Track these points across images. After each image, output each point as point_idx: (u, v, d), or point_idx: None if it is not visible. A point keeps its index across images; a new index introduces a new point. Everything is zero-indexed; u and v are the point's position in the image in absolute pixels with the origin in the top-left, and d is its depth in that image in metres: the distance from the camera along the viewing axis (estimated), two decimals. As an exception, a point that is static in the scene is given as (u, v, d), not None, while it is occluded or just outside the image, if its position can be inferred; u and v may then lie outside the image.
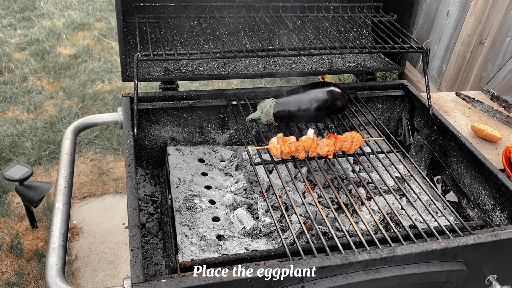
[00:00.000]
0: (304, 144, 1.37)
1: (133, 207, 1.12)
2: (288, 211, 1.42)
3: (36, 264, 2.64)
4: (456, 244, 1.12)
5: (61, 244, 1.08)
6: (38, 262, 2.64)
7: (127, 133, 1.36)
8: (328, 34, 1.83)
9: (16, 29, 5.26)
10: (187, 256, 1.25)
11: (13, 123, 3.72)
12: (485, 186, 1.44)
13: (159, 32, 1.65)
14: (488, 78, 3.30)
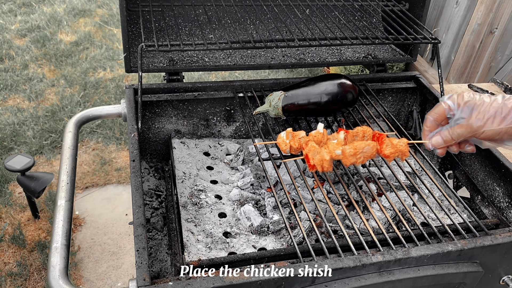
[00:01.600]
0: (314, 139, 1.32)
1: (138, 205, 1.08)
2: (297, 207, 1.39)
3: (39, 255, 2.61)
4: (472, 245, 1.09)
5: (64, 243, 1.04)
6: (41, 253, 2.62)
7: (131, 127, 1.31)
8: (337, 23, 1.77)
9: (17, 15, 5.19)
10: (193, 254, 1.21)
11: (14, 111, 3.67)
12: (499, 182, 1.40)
13: (163, 21, 1.60)
14: (497, 68, 3.23)
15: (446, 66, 3.49)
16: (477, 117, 1.03)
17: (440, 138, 1.10)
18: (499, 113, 1.01)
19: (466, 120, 1.05)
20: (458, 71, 3.32)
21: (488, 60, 3.19)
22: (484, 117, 1.03)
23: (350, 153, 1.17)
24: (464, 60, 3.26)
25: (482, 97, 1.06)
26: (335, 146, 1.17)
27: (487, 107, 1.03)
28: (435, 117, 1.12)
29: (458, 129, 1.07)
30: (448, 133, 1.09)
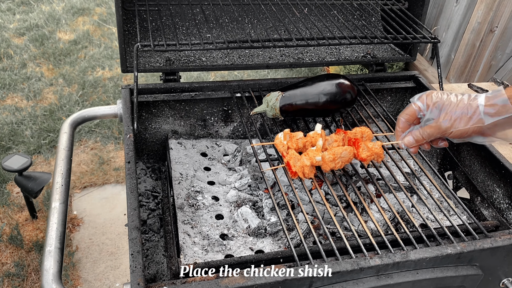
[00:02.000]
0: (312, 140, 1.31)
1: (133, 208, 1.06)
2: (294, 209, 1.37)
3: (36, 255, 2.60)
4: (472, 248, 1.07)
5: (57, 247, 1.02)
6: (38, 253, 2.61)
7: (127, 128, 1.30)
8: (336, 22, 1.76)
9: (15, 14, 5.17)
10: (189, 257, 1.20)
11: (12, 110, 3.66)
12: (499, 183, 1.39)
13: (160, 20, 1.58)
14: (498, 67, 3.22)
15: (446, 65, 3.47)
16: (444, 118, 1.07)
17: (411, 138, 1.14)
18: (465, 113, 1.04)
19: (435, 121, 1.09)
20: (458, 70, 3.31)
21: (488, 59, 3.17)
22: (451, 118, 1.06)
23: (329, 159, 1.20)
24: (464, 59, 3.24)
25: (450, 97, 1.08)
26: (315, 153, 1.19)
27: (454, 108, 1.06)
28: (407, 117, 1.15)
29: (428, 129, 1.10)
30: (419, 133, 1.12)
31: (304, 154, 1.23)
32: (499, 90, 1.02)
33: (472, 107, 1.04)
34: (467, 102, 1.05)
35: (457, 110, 1.05)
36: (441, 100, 1.08)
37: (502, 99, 1.00)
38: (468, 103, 1.05)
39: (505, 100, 0.99)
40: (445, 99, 1.08)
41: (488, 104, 1.02)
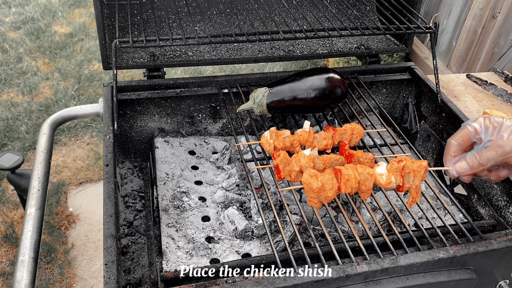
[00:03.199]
0: (300, 138, 1.26)
1: (109, 214, 1.02)
2: (283, 209, 1.32)
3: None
4: (465, 252, 1.02)
5: (31, 256, 0.98)
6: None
7: (107, 128, 1.25)
8: (327, 13, 1.69)
9: (11, 7, 5.11)
10: (172, 262, 1.15)
11: (7, 106, 3.62)
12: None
13: (142, 14, 1.52)
14: (500, 54, 3.13)
15: (447, 52, 3.39)
16: (509, 138, 0.92)
17: (465, 164, 0.98)
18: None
19: (496, 143, 0.94)
20: (459, 58, 3.22)
21: (490, 46, 3.08)
22: (510, 130, 0.93)
23: (319, 167, 1.14)
24: (466, 46, 3.15)
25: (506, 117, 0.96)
26: (306, 163, 1.11)
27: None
28: (459, 141, 1.00)
29: (487, 153, 0.95)
30: (475, 158, 0.96)
31: (295, 158, 1.16)
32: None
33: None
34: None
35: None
36: (503, 121, 0.95)
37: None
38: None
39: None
40: (508, 121, 0.94)
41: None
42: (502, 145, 0.93)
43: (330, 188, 0.99)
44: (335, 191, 1.00)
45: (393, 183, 1.02)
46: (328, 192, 0.99)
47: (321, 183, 1.00)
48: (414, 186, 1.02)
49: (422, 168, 1.02)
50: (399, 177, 1.02)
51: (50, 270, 2.50)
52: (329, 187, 0.99)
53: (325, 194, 1.00)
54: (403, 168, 1.02)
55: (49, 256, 2.55)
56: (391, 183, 1.02)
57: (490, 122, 0.96)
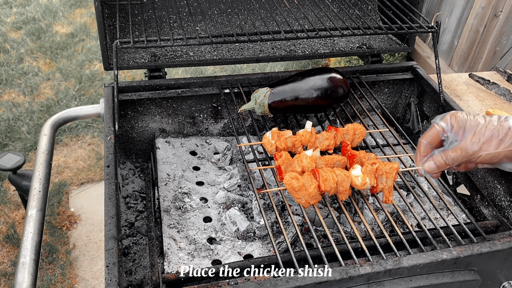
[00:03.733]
0: (302, 139, 1.25)
1: (110, 216, 1.01)
2: (285, 210, 1.32)
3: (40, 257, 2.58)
4: (469, 253, 1.01)
5: (32, 258, 0.98)
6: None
7: (108, 129, 1.24)
8: (329, 13, 1.68)
9: (12, 8, 5.11)
10: (174, 263, 1.15)
11: (9, 106, 3.62)
12: (500, 180, 1.32)
13: (143, 14, 1.51)
14: (502, 53, 3.12)
15: (449, 51, 3.38)
16: (472, 140, 0.98)
17: (433, 164, 1.05)
18: (495, 135, 0.96)
19: (461, 144, 1.00)
20: (461, 57, 3.21)
21: (492, 45, 3.07)
22: (479, 140, 0.98)
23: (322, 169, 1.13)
24: (468, 45, 3.14)
25: (477, 118, 1.00)
26: (309, 162, 1.12)
27: (483, 130, 0.98)
28: (429, 140, 1.07)
29: (452, 153, 1.01)
30: (441, 158, 1.04)
31: (297, 159, 1.16)
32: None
33: (503, 128, 0.96)
34: (497, 124, 0.97)
35: (486, 132, 0.97)
36: (467, 121, 1.00)
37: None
38: (499, 125, 0.97)
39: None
40: (472, 120, 0.99)
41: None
42: (465, 147, 0.99)
43: (310, 185, 1.05)
44: (315, 187, 1.06)
45: (367, 184, 1.09)
46: (309, 188, 1.05)
47: (302, 183, 1.06)
48: (387, 187, 1.09)
49: (393, 170, 1.10)
50: (373, 179, 1.09)
51: (51, 270, 2.50)
52: (309, 184, 1.06)
53: (307, 191, 1.06)
54: (376, 170, 1.09)
55: (51, 256, 2.55)
56: (366, 184, 1.08)
57: (456, 121, 1.02)
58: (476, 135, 0.98)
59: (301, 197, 1.08)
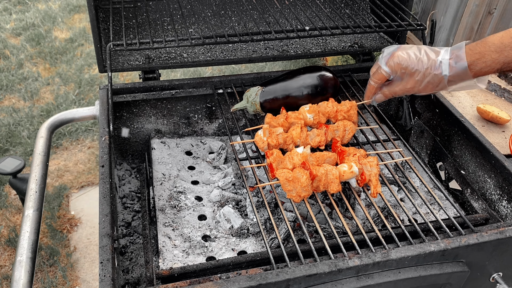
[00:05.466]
0: (293, 135, 1.27)
1: (104, 214, 1.03)
2: (278, 207, 1.34)
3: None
4: (456, 245, 1.03)
5: (29, 256, 1.00)
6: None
7: (102, 130, 1.27)
8: (320, 13, 1.70)
9: (11, 14, 5.15)
10: (168, 261, 1.17)
11: (9, 112, 3.65)
12: (490, 174, 1.34)
13: (137, 17, 1.54)
14: (498, 50, 3.13)
15: (445, 49, 3.40)
16: (414, 86, 1.18)
17: (382, 96, 1.28)
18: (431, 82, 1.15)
19: (404, 85, 1.20)
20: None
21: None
22: (420, 85, 1.18)
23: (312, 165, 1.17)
24: (463, 43, 3.16)
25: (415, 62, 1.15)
26: (300, 159, 1.15)
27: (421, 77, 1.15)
28: (378, 83, 1.27)
29: (395, 88, 1.23)
30: (388, 91, 1.26)
31: (288, 156, 1.19)
32: (460, 57, 1.10)
33: (438, 77, 1.14)
34: (433, 72, 1.14)
35: (425, 79, 1.15)
36: (408, 67, 1.16)
37: (463, 67, 1.09)
38: (434, 74, 1.14)
39: (465, 67, 1.09)
40: (410, 64, 1.15)
41: (452, 74, 1.12)
42: (406, 88, 1.21)
43: (302, 175, 1.09)
44: (307, 177, 1.09)
45: (354, 168, 1.15)
46: (301, 179, 1.09)
47: (294, 174, 1.11)
48: (374, 174, 1.16)
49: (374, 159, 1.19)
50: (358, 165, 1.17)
51: (52, 273, 2.52)
52: (301, 175, 1.09)
53: (299, 182, 1.09)
54: (359, 158, 1.19)
55: (52, 259, 2.57)
56: (353, 168, 1.15)
57: (399, 67, 1.18)
58: (417, 82, 1.17)
59: (292, 190, 1.10)
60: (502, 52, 1.05)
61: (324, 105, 1.34)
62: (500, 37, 1.07)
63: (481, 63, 1.08)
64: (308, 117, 1.32)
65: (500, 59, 1.06)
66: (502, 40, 1.06)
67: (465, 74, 1.11)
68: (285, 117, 1.30)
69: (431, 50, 1.16)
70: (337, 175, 1.13)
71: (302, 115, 1.31)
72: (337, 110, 1.33)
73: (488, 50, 1.07)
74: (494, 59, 1.06)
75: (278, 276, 0.94)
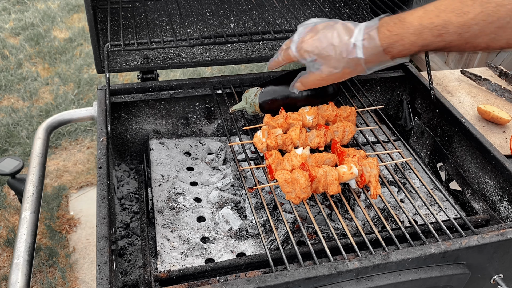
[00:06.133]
0: (292, 136, 1.26)
1: (102, 216, 1.03)
2: (277, 209, 1.33)
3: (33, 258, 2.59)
4: (457, 247, 1.02)
5: (26, 259, 0.99)
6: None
7: (100, 131, 1.26)
8: (320, 13, 1.69)
9: (11, 14, 5.14)
10: (167, 263, 1.16)
11: (8, 112, 3.64)
12: (491, 175, 1.33)
13: (135, 17, 1.53)
14: (498, 49, 3.12)
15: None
16: (330, 74, 1.11)
17: (300, 85, 1.22)
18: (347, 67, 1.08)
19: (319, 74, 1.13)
20: (457, 55, 3.22)
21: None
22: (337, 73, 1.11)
23: (312, 166, 1.16)
24: (463, 42, 3.15)
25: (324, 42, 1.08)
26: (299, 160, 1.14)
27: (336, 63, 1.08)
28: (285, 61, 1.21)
29: (312, 79, 1.16)
30: (305, 80, 1.19)
31: (287, 157, 1.18)
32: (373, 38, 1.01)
33: (354, 61, 1.05)
34: (347, 57, 1.05)
35: (339, 65, 1.08)
36: (318, 51, 1.09)
37: (379, 50, 1.01)
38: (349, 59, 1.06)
39: (380, 49, 1.00)
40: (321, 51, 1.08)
41: (368, 57, 1.03)
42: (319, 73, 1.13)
43: (301, 177, 1.08)
44: (306, 179, 1.08)
45: (354, 169, 1.14)
46: (300, 180, 1.08)
47: (293, 176, 1.09)
48: (373, 175, 1.14)
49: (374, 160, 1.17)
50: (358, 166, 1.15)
51: (52, 274, 2.51)
52: (300, 177, 1.08)
53: (298, 183, 1.08)
54: (358, 159, 1.16)
55: (51, 260, 2.57)
56: (352, 169, 1.14)
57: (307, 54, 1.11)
58: (333, 70, 1.10)
59: (291, 191, 1.09)
60: (420, 35, 0.94)
61: (324, 108, 1.33)
62: (419, 17, 0.94)
63: (399, 46, 0.98)
64: (308, 118, 1.31)
65: (418, 41, 0.95)
66: (421, 21, 0.94)
67: (382, 56, 1.02)
68: (284, 117, 1.30)
69: (344, 29, 1.06)
70: (337, 176, 1.12)
71: (302, 116, 1.30)
72: (336, 114, 1.32)
73: (407, 32, 0.96)
74: (412, 41, 0.96)
75: (277, 279, 0.93)
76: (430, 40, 0.94)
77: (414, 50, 0.99)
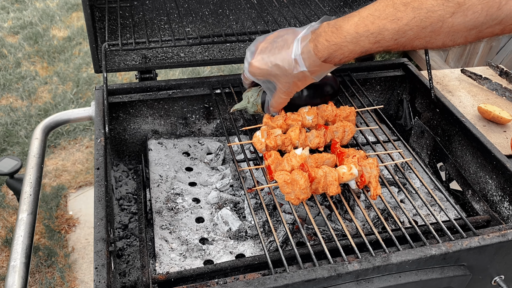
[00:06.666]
0: (292, 137, 1.25)
1: (99, 218, 1.02)
2: (276, 210, 1.32)
3: (32, 258, 2.59)
4: (458, 248, 1.01)
5: (23, 262, 0.98)
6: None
7: (98, 131, 1.25)
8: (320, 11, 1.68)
9: (9, 12, 5.12)
10: (165, 264, 1.15)
11: (7, 111, 3.63)
12: (492, 175, 1.32)
13: (133, 16, 1.52)
14: (498, 48, 3.11)
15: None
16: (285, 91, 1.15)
17: (273, 108, 1.26)
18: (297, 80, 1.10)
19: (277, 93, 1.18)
20: (457, 53, 3.21)
21: (488, 40, 3.07)
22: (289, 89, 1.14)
23: (311, 167, 1.15)
24: (463, 40, 3.14)
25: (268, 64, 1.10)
26: (298, 161, 1.13)
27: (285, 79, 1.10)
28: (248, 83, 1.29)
29: (275, 97, 1.20)
30: (272, 102, 1.23)
31: (286, 158, 1.17)
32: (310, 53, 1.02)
33: (301, 74, 1.07)
34: (293, 73, 1.07)
35: (290, 80, 1.10)
36: (266, 73, 1.12)
37: (317, 61, 1.02)
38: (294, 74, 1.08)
39: (319, 61, 1.03)
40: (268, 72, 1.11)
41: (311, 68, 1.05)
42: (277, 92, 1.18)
43: (300, 178, 1.07)
44: (305, 179, 1.07)
45: (353, 170, 1.13)
46: (300, 181, 1.07)
47: (292, 176, 1.08)
48: (373, 176, 1.13)
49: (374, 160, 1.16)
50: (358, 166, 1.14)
51: (50, 274, 2.50)
52: (300, 177, 1.07)
53: (298, 184, 1.07)
54: (358, 159, 1.16)
55: (50, 260, 2.56)
56: (352, 170, 1.13)
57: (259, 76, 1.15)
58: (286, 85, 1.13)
59: (291, 192, 1.08)
60: (358, 43, 0.96)
61: (323, 108, 1.32)
62: (355, 24, 0.95)
63: (338, 55, 1.00)
64: (307, 119, 1.30)
65: (356, 49, 0.97)
66: (357, 29, 0.95)
67: (324, 66, 1.04)
68: (284, 118, 1.29)
69: (284, 44, 1.08)
70: (336, 177, 1.12)
71: (301, 116, 1.29)
72: (336, 114, 1.31)
73: (345, 41, 0.97)
74: (351, 50, 0.97)
75: (276, 281, 0.92)
76: (368, 47, 0.96)
77: (354, 57, 1.01)
